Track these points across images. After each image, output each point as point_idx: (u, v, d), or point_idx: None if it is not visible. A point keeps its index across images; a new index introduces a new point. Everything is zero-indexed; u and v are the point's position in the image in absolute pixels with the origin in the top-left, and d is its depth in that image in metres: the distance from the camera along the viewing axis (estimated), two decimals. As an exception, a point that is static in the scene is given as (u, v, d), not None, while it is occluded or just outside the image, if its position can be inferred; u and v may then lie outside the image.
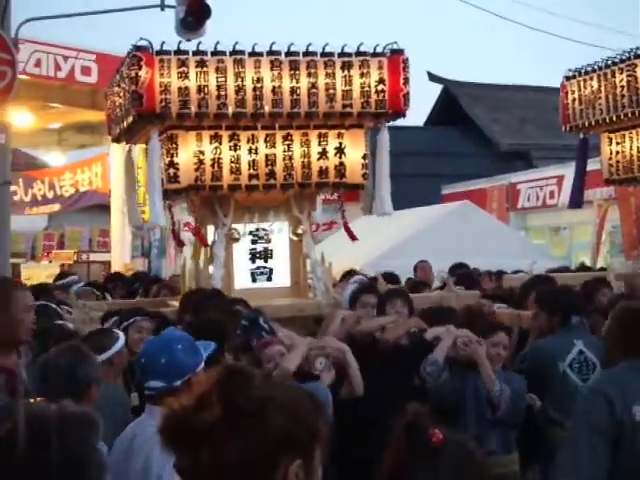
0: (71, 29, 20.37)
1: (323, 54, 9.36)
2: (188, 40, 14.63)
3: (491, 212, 23.13)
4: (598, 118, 10.97)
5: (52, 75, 18.99)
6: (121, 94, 9.62)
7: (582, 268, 13.48)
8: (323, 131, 9.58)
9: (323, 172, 9.61)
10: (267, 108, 9.22)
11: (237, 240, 9.70)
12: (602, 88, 10.82)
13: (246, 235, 9.82)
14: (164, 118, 9.05)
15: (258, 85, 9.16)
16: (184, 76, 9.00)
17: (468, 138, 31.92)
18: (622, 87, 10.55)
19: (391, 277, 11.92)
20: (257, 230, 9.89)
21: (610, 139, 11.35)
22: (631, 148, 11.04)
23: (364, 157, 9.72)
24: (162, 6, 16.20)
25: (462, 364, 6.84)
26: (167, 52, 9.01)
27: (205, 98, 9.06)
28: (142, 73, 8.85)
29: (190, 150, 9.30)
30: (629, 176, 11.29)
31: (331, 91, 9.34)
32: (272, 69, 9.20)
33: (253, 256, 9.92)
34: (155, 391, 4.16)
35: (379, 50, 9.54)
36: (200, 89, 9.04)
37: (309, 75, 9.28)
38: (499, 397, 6.54)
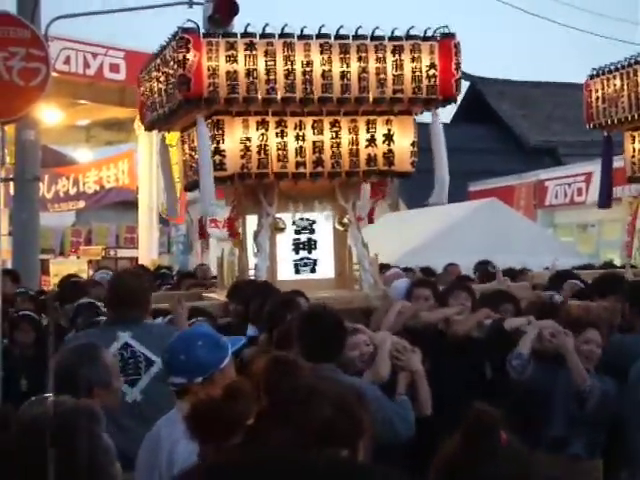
0: (100, 27, 19.91)
1: (373, 38, 8.75)
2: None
3: (518, 209, 22.53)
4: (621, 116, 10.62)
5: (81, 72, 18.69)
6: (161, 79, 9.02)
7: (607, 266, 12.98)
8: (371, 117, 8.98)
9: (371, 160, 9.01)
10: (317, 93, 8.60)
11: (282, 230, 9.09)
12: (625, 86, 10.49)
13: (289, 225, 9.17)
14: (212, 103, 8.46)
15: (308, 69, 8.57)
16: (232, 59, 8.41)
17: (495, 135, 31.18)
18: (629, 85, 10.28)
19: (428, 271, 11.31)
20: (301, 220, 9.26)
21: (633, 137, 10.98)
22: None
23: (413, 144, 9.11)
24: (190, 3, 15.64)
25: (548, 357, 6.17)
26: (215, 35, 8.41)
27: (254, 82, 8.47)
28: (190, 56, 8.24)
29: (236, 136, 8.70)
30: (638, 175, 10.99)
31: (382, 76, 8.73)
32: (322, 53, 8.60)
33: (297, 247, 9.32)
34: (177, 387, 4.09)
35: (429, 34, 8.89)
36: (249, 73, 8.45)
37: (359, 59, 8.68)
38: (589, 393, 5.87)
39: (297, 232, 9.27)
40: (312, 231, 9.31)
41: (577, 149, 26.90)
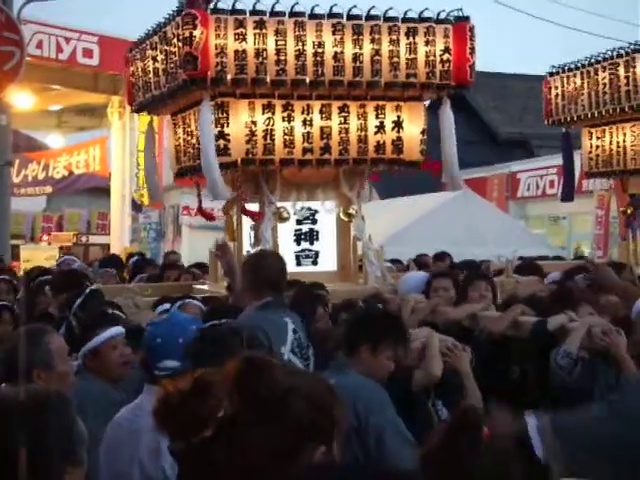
0: (73, 11, 19.08)
1: (386, 19, 8.06)
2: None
3: (491, 201, 22.15)
4: (580, 114, 10.66)
5: (53, 57, 18.08)
6: (159, 57, 8.25)
7: (578, 258, 13.06)
8: (381, 103, 8.30)
9: (380, 147, 8.33)
10: (327, 76, 7.90)
11: (286, 220, 8.40)
12: (585, 85, 10.49)
13: (291, 215, 8.46)
14: (218, 83, 7.73)
15: (319, 50, 7.87)
16: (241, 38, 7.69)
17: (468, 126, 30.39)
18: (604, 85, 10.20)
19: (421, 262, 10.66)
20: (302, 210, 8.54)
21: (591, 133, 11.00)
22: (611, 143, 10.69)
23: (423, 132, 8.43)
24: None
25: (596, 357, 5.52)
26: (223, 11, 7.67)
27: (263, 63, 7.76)
28: (197, 33, 7.50)
29: (241, 120, 7.98)
30: (608, 170, 10.91)
31: (395, 59, 8.06)
32: (334, 33, 7.90)
33: (298, 238, 8.62)
34: (171, 371, 3.91)
35: (443, 17, 8.23)
36: (258, 53, 7.73)
37: (372, 41, 8.00)
38: None
39: (298, 222, 8.58)
40: (314, 221, 8.63)
41: (550, 141, 26.35)
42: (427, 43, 8.11)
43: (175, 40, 7.78)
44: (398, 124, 8.34)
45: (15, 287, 8.79)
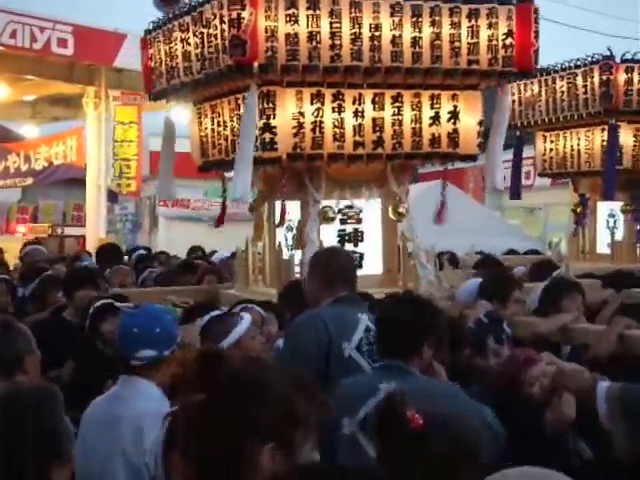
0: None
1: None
2: (166, 13, 12.33)
3: (467, 192, 21.73)
4: (537, 119, 10.94)
5: (27, 46, 17.12)
6: (193, 41, 7.31)
7: (531, 252, 13.09)
8: (436, 92, 7.43)
9: (435, 140, 7.47)
10: (385, 62, 7.02)
11: (332, 220, 7.51)
12: (543, 92, 10.68)
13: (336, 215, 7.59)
14: (267, 70, 6.81)
15: (376, 34, 6.97)
16: (293, 20, 6.78)
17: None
18: (562, 92, 10.43)
19: (454, 259, 9.82)
20: (346, 208, 7.65)
21: (545, 137, 11.35)
22: (564, 146, 11.00)
23: (480, 123, 7.58)
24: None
25: None
26: (275, -12, 6.72)
27: (317, 48, 6.83)
28: (245, 14, 6.58)
29: (288, 111, 7.08)
30: (562, 171, 11.35)
31: (456, 44, 7.21)
32: (392, 15, 7.01)
33: (342, 239, 7.72)
34: (146, 360, 3.86)
35: (505, -2, 7.38)
36: (311, 36, 6.81)
37: (433, 24, 7.13)
38: None
39: (342, 222, 7.68)
40: (359, 221, 7.73)
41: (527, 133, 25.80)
42: (490, 26, 7.27)
43: (217, 22, 6.85)
44: (454, 115, 7.50)
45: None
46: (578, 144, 10.71)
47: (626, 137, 10.30)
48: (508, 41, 7.29)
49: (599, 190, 10.57)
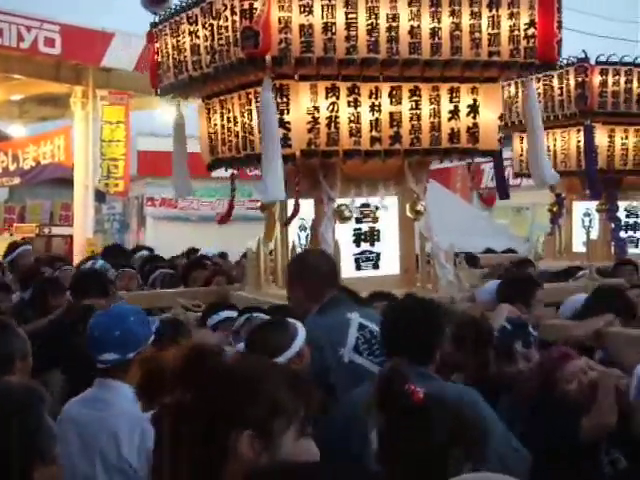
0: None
1: (465, -12, 6.86)
2: (154, 14, 12.01)
3: (455, 191, 21.71)
4: (514, 120, 10.98)
5: (14, 46, 17.12)
6: (202, 34, 6.97)
7: (507, 251, 13.41)
8: (455, 85, 7.10)
9: (454, 135, 7.14)
10: (403, 54, 6.69)
11: (348, 219, 7.17)
12: (519, 94, 10.44)
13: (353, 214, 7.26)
14: (280, 63, 6.45)
15: (394, 24, 6.64)
16: (308, 10, 6.45)
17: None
18: (538, 94, 10.01)
19: (473, 259, 9.53)
20: (362, 207, 7.32)
21: (521, 138, 11.37)
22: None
23: (500, 118, 7.25)
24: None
25: None
26: (287, -23, 6.37)
27: (332, 39, 6.49)
28: (258, 4, 6.24)
29: (303, 106, 6.74)
30: None
31: (476, 35, 6.88)
32: (410, 4, 6.67)
33: (357, 238, 7.38)
34: (109, 363, 3.86)
35: (526, -14, 7.06)
36: (326, 27, 6.47)
37: (452, 14, 6.81)
38: None
39: (358, 221, 7.34)
40: (375, 220, 7.39)
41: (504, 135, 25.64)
42: (511, 16, 6.95)
43: (227, 13, 6.50)
44: (474, 109, 7.18)
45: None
46: (554, 145, 10.76)
47: (601, 138, 10.42)
48: (530, 31, 6.98)
49: (575, 190, 10.89)
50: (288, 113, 6.67)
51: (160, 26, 7.70)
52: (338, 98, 6.80)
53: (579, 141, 10.48)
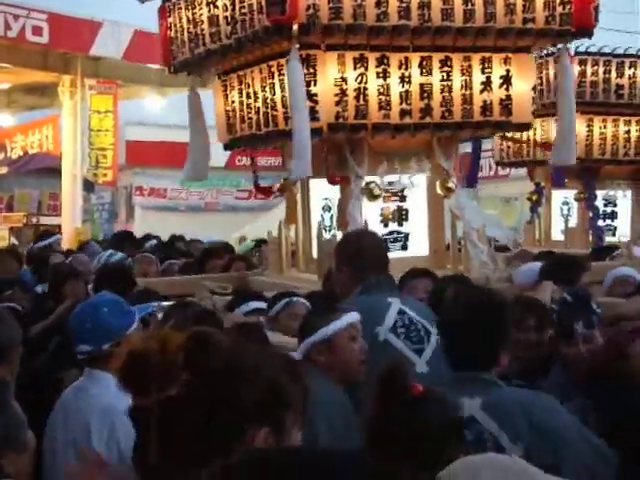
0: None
1: (498, -48, 6.46)
2: (142, 2, 11.59)
3: None
4: None
5: (1, 34, 16.74)
6: (219, 3, 6.55)
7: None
8: (487, 55, 6.71)
9: (487, 108, 6.76)
10: (435, 21, 6.27)
11: (378, 197, 6.78)
12: None
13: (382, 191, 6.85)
14: (308, 31, 6.04)
15: (426, -10, 6.21)
16: (336, -26, 5.99)
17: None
18: None
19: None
20: (389, 184, 6.91)
21: None
22: (521, 136, 10.10)
23: (534, 89, 6.88)
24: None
25: None
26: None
27: (362, 5, 6.08)
28: (284, -31, 5.79)
29: (330, 77, 6.34)
30: (518, 160, 11.42)
31: (511, 0, 6.44)
32: (442, -31, 6.24)
33: (385, 218, 6.95)
34: (85, 354, 3.80)
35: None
36: (356, -8, 6.04)
37: (486, -23, 6.37)
38: None
39: (385, 199, 6.92)
40: (402, 198, 7.00)
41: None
42: (546, -20, 6.54)
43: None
44: (507, 80, 6.80)
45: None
46: (534, 134, 10.46)
47: (579, 127, 9.99)
48: (566, -4, 6.58)
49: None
50: (315, 85, 6.27)
51: (172, 2, 7.25)
52: (367, 69, 6.41)
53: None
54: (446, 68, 6.62)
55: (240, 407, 1.97)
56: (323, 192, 7.14)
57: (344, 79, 6.35)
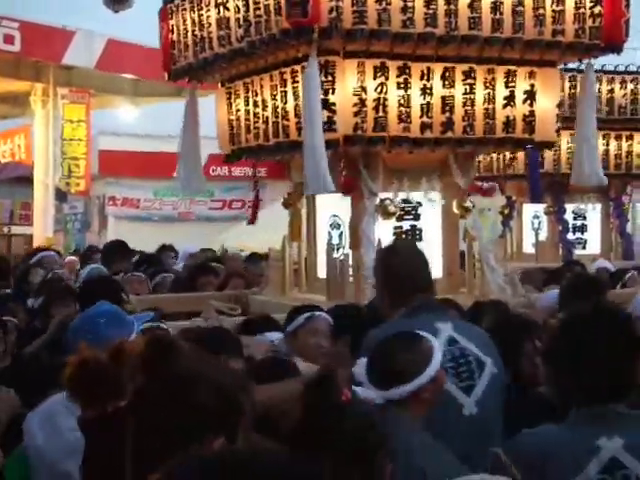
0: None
1: (528, -41, 6.04)
2: (116, 12, 11.05)
3: None
4: None
5: None
6: (230, 4, 6.05)
7: None
8: (512, 68, 6.26)
9: (509, 124, 6.31)
10: (462, 30, 5.83)
11: (392, 215, 6.31)
12: None
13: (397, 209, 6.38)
14: (329, 35, 5.56)
15: (453, -4, 5.76)
16: (361, -24, 5.53)
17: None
18: None
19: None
20: (403, 202, 6.44)
21: None
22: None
23: (559, 106, 6.45)
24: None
25: None
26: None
27: (387, 10, 5.61)
28: (306, -32, 5.31)
29: (349, 86, 5.88)
30: (489, 175, 11.23)
31: (540, 11, 6.07)
32: (471, -25, 5.80)
33: (398, 237, 6.48)
34: None
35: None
36: (381, -4, 5.57)
37: (516, -14, 5.93)
38: None
39: (399, 218, 6.44)
40: (416, 217, 6.51)
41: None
42: (576, -9, 6.12)
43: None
44: (531, 95, 6.37)
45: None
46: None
47: None
48: (596, 9, 6.19)
49: (524, 193, 10.55)
50: (333, 93, 5.78)
51: (176, 1, 6.72)
52: (387, 78, 5.95)
53: None
54: (469, 80, 6.18)
55: (200, 413, 1.93)
56: (331, 208, 6.67)
57: (363, 88, 5.89)
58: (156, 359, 1.98)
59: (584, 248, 11.20)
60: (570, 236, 11.00)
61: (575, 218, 11.29)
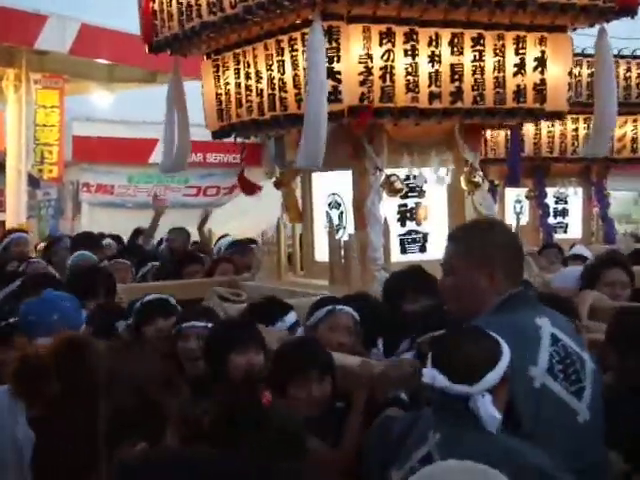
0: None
1: None
2: None
3: None
4: None
5: None
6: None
7: None
8: (522, 34, 5.79)
9: (520, 93, 5.82)
10: (473, -9, 5.32)
11: (400, 192, 5.81)
12: None
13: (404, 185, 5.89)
14: (334, -2, 5.03)
15: (463, -46, 5.29)
16: None
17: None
18: None
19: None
20: (407, 179, 5.95)
21: None
22: None
23: (570, 74, 5.98)
24: None
25: None
26: None
27: (395, -31, 5.09)
28: None
29: (354, 53, 5.36)
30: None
31: (554, -31, 5.53)
32: None
33: (402, 216, 6.01)
34: None
35: None
36: (390, -46, 5.08)
37: (528, -56, 5.46)
38: None
39: (403, 196, 5.94)
40: (421, 194, 6.03)
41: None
42: (591, -49, 5.65)
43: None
44: (542, 62, 5.90)
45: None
46: (484, 133, 9.86)
47: (528, 126, 9.63)
48: (612, -30, 5.69)
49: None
50: (338, 61, 5.27)
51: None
52: (394, 45, 5.46)
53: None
54: (478, 47, 5.71)
55: (121, 419, 1.83)
56: (329, 187, 6.17)
57: (369, 56, 5.40)
58: (67, 363, 1.88)
59: (565, 232, 11.02)
60: (551, 220, 10.80)
61: (556, 202, 11.08)
